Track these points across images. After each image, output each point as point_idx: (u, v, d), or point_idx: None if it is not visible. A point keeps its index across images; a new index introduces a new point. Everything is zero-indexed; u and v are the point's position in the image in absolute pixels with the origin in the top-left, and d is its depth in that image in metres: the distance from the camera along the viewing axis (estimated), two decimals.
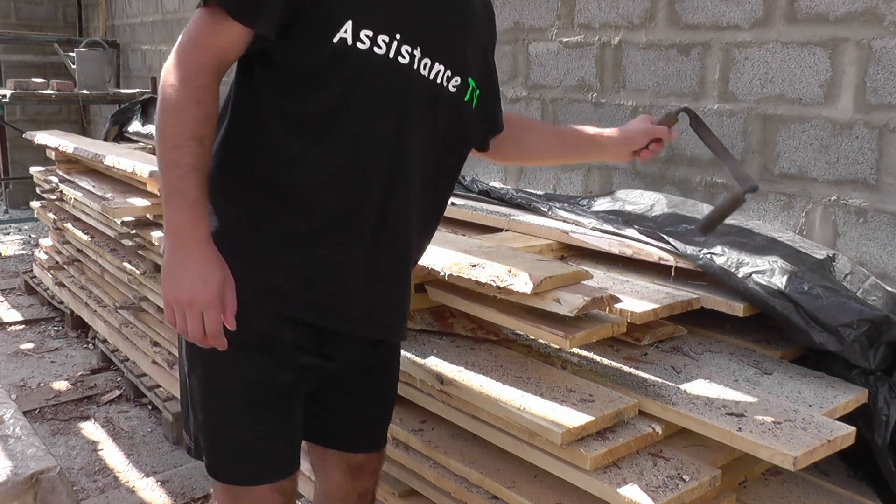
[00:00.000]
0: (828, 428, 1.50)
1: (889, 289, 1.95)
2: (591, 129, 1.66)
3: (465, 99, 1.38)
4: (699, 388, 1.67)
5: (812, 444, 1.44)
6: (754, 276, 1.84)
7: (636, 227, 2.22)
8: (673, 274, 2.03)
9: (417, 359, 1.82)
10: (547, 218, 2.46)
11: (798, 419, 1.53)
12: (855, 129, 2.10)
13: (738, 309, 1.86)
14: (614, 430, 1.56)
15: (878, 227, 2.08)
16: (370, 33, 1.21)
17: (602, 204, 2.51)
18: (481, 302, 1.81)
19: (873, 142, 2.06)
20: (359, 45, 1.21)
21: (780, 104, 2.26)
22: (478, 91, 1.41)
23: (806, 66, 2.19)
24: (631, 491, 1.44)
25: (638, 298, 1.85)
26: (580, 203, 2.56)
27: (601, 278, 2.03)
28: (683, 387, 1.67)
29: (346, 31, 1.20)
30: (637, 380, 1.71)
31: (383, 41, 1.22)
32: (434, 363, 1.80)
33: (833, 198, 2.16)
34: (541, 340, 1.87)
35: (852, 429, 1.52)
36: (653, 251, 2.07)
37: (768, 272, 1.84)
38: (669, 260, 2.02)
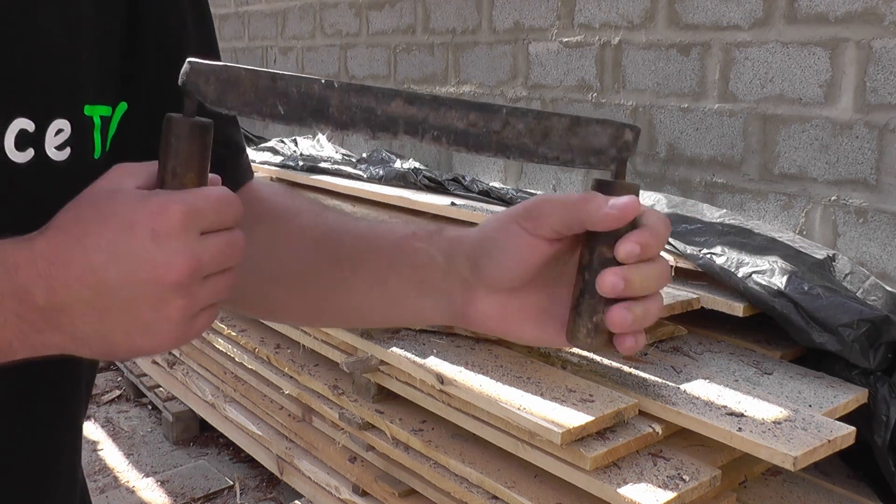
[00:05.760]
0: (828, 428, 1.50)
1: (889, 289, 1.95)
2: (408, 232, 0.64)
3: (96, 155, 0.60)
4: (699, 388, 1.67)
5: (812, 444, 1.44)
6: (754, 275, 1.84)
7: None
8: (673, 273, 2.03)
9: (417, 359, 1.82)
10: None
11: (798, 419, 1.53)
12: (855, 129, 2.10)
13: (737, 309, 1.86)
14: (614, 430, 1.56)
15: (878, 227, 2.08)
16: None
17: None
18: None
19: (873, 142, 2.06)
20: None
21: (780, 104, 2.26)
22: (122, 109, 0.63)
23: (806, 66, 2.19)
24: (631, 491, 1.44)
25: None
26: None
27: None
28: (683, 387, 1.67)
29: None
30: (637, 380, 1.71)
31: None
32: (434, 363, 1.80)
33: (833, 198, 2.16)
34: None
35: (852, 429, 1.52)
36: None
37: (768, 272, 1.84)
38: (669, 259, 2.02)
